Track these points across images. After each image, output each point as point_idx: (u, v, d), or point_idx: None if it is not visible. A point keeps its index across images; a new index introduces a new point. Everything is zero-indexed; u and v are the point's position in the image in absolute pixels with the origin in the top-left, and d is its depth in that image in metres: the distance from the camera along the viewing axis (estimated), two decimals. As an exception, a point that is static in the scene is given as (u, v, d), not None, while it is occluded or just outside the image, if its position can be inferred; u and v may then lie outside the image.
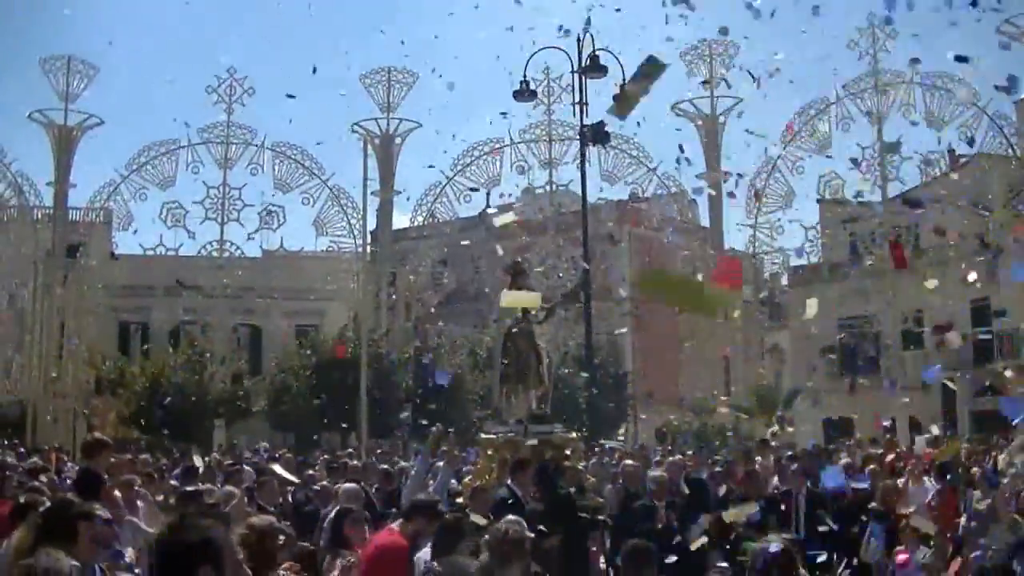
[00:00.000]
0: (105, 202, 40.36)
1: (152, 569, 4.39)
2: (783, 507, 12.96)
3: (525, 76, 25.98)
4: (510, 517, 7.11)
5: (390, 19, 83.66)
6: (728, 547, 10.99)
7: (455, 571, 6.49)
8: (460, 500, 12.06)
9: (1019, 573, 10.00)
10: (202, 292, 40.13)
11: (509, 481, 11.96)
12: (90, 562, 6.17)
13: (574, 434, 15.64)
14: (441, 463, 12.46)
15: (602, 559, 12.98)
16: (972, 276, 27.53)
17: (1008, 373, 27.84)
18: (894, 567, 11.11)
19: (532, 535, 7.27)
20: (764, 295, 41.03)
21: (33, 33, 70.75)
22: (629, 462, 14.96)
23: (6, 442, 26.43)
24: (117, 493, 9.30)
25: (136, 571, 8.23)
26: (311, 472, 16.67)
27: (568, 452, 14.42)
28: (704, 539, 10.25)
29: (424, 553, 7.25)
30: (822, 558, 7.80)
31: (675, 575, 10.01)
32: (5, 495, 9.95)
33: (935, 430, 20.73)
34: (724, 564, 9.64)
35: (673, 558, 9.96)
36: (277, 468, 15.10)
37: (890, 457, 17.53)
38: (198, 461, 15.29)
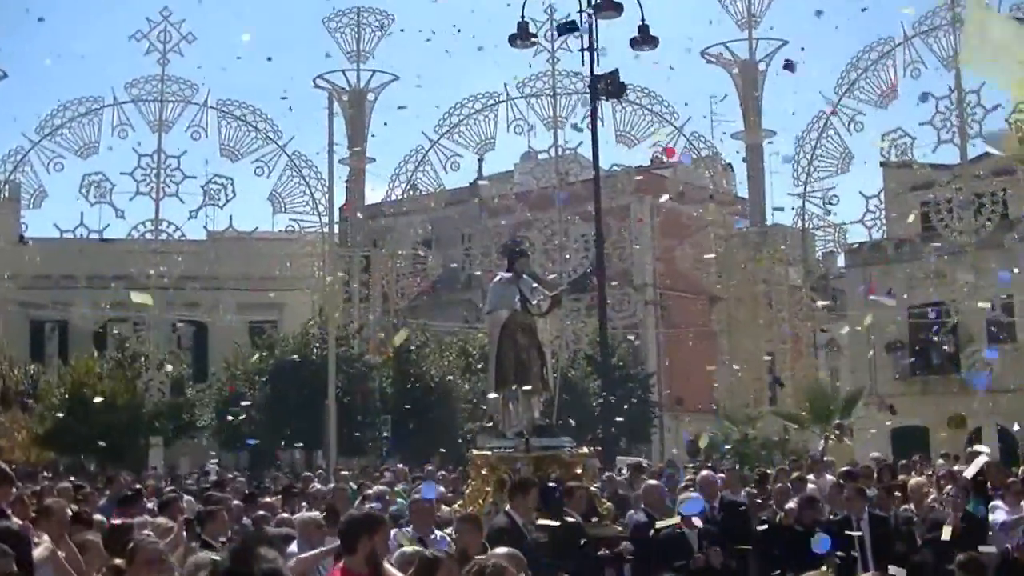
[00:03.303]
0: (11, 174, 40.18)
1: None
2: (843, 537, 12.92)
3: (523, 16, 25.97)
4: (503, 550, 7.10)
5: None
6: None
7: None
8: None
9: None
10: (134, 283, 40.02)
11: (507, 507, 11.96)
12: None
13: (586, 449, 15.68)
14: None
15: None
16: None
17: None
18: None
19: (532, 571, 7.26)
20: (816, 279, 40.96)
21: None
22: (651, 482, 14.98)
23: None
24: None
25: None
26: (267, 500, 16.69)
27: (579, 471, 14.44)
28: None
29: None
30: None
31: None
32: None
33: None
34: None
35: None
36: None
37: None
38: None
